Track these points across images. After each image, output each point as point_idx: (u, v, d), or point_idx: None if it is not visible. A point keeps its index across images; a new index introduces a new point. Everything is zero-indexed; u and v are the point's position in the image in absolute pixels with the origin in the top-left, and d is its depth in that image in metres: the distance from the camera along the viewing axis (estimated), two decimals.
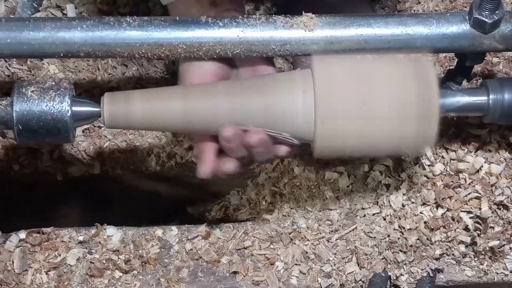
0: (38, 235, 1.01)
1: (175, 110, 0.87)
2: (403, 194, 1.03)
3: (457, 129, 1.05)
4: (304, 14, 0.91)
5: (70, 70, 1.16)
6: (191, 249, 1.01)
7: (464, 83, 1.02)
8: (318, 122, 0.86)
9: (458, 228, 0.99)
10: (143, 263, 1.00)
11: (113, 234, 1.02)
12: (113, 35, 0.90)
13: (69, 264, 0.99)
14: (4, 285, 0.98)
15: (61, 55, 0.90)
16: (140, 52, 0.91)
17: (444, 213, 1.00)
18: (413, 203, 1.02)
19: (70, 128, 0.86)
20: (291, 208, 1.08)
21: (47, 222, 1.03)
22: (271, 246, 1.02)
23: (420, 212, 1.01)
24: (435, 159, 1.03)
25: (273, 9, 1.25)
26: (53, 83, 0.87)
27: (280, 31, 0.91)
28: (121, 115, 0.87)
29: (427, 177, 1.03)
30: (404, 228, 1.00)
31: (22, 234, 1.01)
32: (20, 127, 0.85)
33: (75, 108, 0.86)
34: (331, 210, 1.05)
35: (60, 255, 1.00)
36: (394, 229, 1.01)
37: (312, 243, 1.01)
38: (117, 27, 0.90)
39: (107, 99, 0.88)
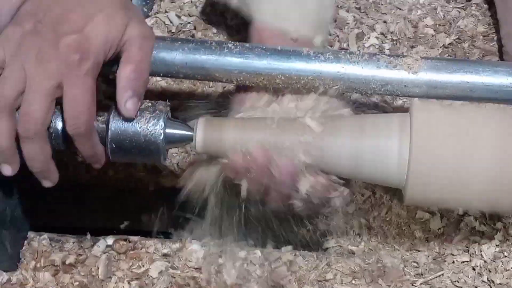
0: (124, 243, 1.03)
1: (266, 142, 0.86)
2: (496, 245, 0.99)
3: None
4: (409, 55, 0.88)
5: (172, 79, 1.17)
6: (272, 276, 1.00)
7: None
8: (411, 170, 0.83)
9: None
10: (224, 282, 1.01)
11: (196, 250, 1.03)
12: (213, 60, 0.89)
13: (152, 276, 1.01)
14: None
15: (161, 74, 0.91)
16: (238, 79, 0.90)
17: None
18: (505, 256, 0.98)
19: (162, 150, 0.87)
20: (378, 243, 1.06)
21: (136, 225, 1.05)
22: (353, 282, 1.00)
23: None
24: None
25: None
26: (149, 104, 0.88)
27: (382, 71, 0.88)
28: (213, 143, 0.87)
29: None
30: (493, 282, 0.96)
31: (110, 240, 1.03)
32: (114, 146, 0.86)
33: (168, 131, 0.87)
34: (419, 251, 1.02)
35: (143, 266, 1.02)
36: (483, 281, 0.97)
37: (395, 285, 0.99)
38: (218, 52, 0.89)
39: (201, 125, 0.88)
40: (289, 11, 0.94)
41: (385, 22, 1.19)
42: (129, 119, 0.86)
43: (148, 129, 0.86)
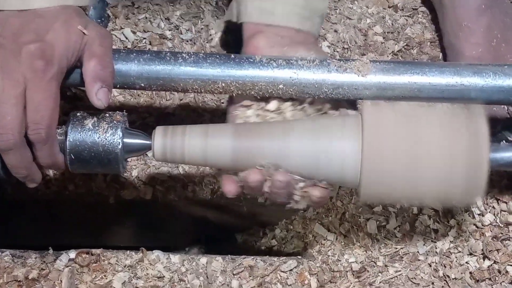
0: (87, 255, 1.04)
1: (224, 148, 0.88)
2: (450, 241, 1.02)
3: (509, 181, 1.03)
4: (359, 59, 0.91)
5: (129, 93, 1.18)
6: (234, 282, 1.02)
7: None
8: (364, 169, 0.85)
9: (504, 281, 0.98)
10: None
11: (158, 259, 1.04)
12: (168, 70, 0.91)
13: (115, 287, 1.02)
14: None
15: (118, 86, 0.92)
16: (194, 88, 0.92)
17: (491, 265, 0.98)
18: (459, 252, 1.01)
19: (120, 160, 0.88)
20: (337, 245, 1.08)
21: (99, 240, 1.06)
22: (314, 284, 1.02)
23: (466, 262, 1.00)
24: (486, 209, 1.02)
25: None
26: (107, 114, 0.89)
27: (333, 75, 0.90)
28: (170, 150, 0.89)
29: (476, 226, 1.02)
30: (449, 277, 0.99)
31: (72, 254, 1.04)
32: (73, 157, 0.87)
33: (126, 140, 0.88)
34: (376, 251, 1.04)
35: (106, 277, 1.02)
36: (439, 276, 1.00)
37: (355, 285, 1.01)
38: (173, 62, 0.91)
39: (158, 133, 0.89)
40: (274, 5, 0.95)
41: (336, 31, 1.22)
42: (87, 130, 0.87)
43: (106, 139, 0.88)
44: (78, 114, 0.89)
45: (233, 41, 1.20)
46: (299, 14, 0.95)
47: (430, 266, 1.01)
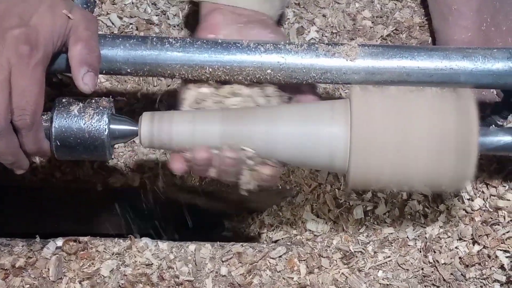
0: (74, 243, 1.03)
1: (212, 133, 0.87)
2: (440, 226, 1.01)
3: (499, 165, 1.03)
4: (347, 43, 0.90)
5: (116, 79, 1.17)
6: (223, 268, 1.01)
7: (510, 118, 0.99)
8: (353, 154, 0.85)
9: (493, 266, 0.97)
10: (175, 278, 1.01)
11: (147, 247, 1.03)
12: (154, 55, 0.90)
13: (103, 275, 1.01)
14: None
15: (103, 72, 0.91)
16: (181, 73, 0.91)
17: (480, 250, 0.98)
18: (449, 237, 1.00)
19: (107, 146, 0.87)
20: (325, 232, 1.07)
21: (86, 227, 1.05)
22: (302, 270, 1.01)
23: (456, 247, 0.99)
24: (475, 194, 1.02)
25: None
26: (93, 100, 0.88)
27: (321, 59, 0.90)
28: (157, 136, 0.88)
29: (466, 211, 1.01)
30: (438, 262, 0.99)
31: (59, 242, 1.03)
32: (58, 143, 0.86)
33: (113, 127, 0.87)
34: (365, 237, 1.04)
35: (94, 265, 1.02)
36: (429, 262, 1.00)
37: (343, 273, 1.00)
38: (159, 47, 0.90)
39: (145, 119, 0.88)
40: None
41: (324, 16, 1.21)
42: (72, 116, 0.86)
43: (92, 125, 0.87)
44: (64, 100, 0.88)
45: None
46: None
47: (420, 252, 1.00)
